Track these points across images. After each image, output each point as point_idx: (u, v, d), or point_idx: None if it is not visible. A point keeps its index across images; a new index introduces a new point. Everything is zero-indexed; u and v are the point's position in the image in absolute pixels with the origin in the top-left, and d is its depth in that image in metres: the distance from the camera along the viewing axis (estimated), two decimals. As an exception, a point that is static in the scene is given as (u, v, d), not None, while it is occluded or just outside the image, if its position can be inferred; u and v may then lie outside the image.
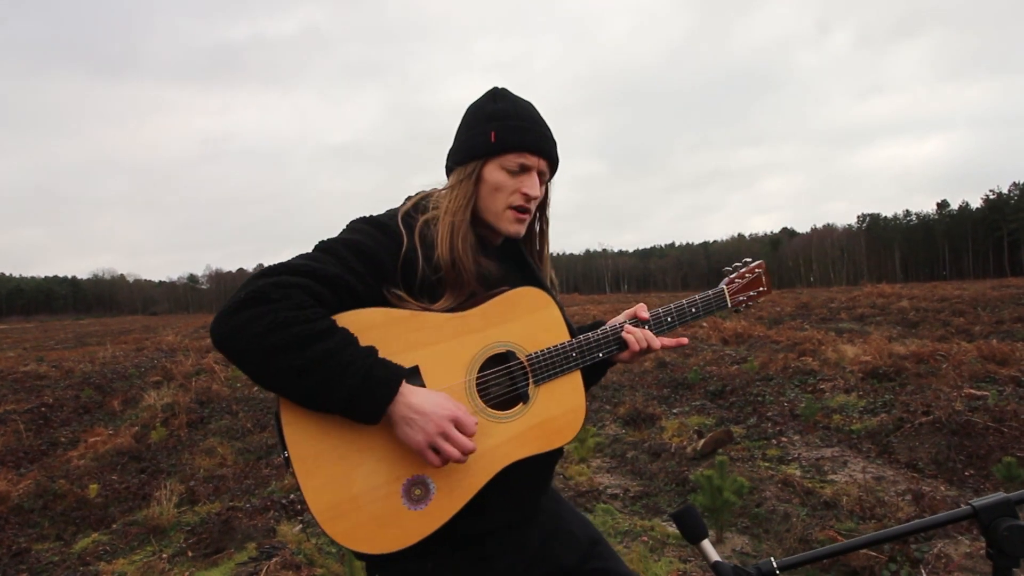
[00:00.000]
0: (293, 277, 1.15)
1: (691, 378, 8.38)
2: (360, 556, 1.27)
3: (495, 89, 1.45)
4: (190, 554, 4.07)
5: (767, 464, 5.10)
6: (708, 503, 3.74)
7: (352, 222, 1.33)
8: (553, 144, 1.43)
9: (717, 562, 1.04)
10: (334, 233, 1.30)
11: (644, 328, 1.48)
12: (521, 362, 1.34)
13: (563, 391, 1.36)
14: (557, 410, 1.35)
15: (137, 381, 11.73)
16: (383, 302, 1.25)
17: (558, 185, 1.51)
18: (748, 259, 1.68)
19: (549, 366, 1.35)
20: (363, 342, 1.18)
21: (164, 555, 4.12)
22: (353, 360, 1.12)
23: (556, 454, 1.48)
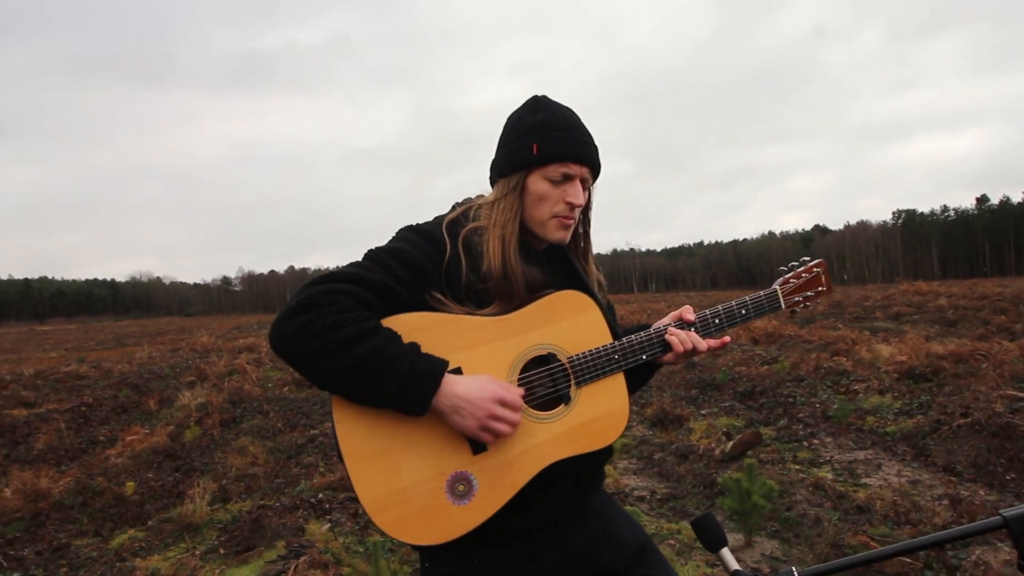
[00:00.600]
0: (341, 284, 1.23)
1: (720, 379, 8.28)
2: (412, 547, 1.33)
3: (535, 98, 1.47)
4: (222, 551, 4.15)
5: (798, 467, 5.01)
6: (736, 506, 3.69)
7: (400, 231, 1.39)
8: (595, 150, 1.45)
9: (737, 571, 1.02)
10: (362, 235, 1.35)
11: (689, 330, 1.48)
12: (562, 364, 1.36)
13: (605, 393, 1.38)
14: (599, 411, 1.37)
15: (172, 381, 12.02)
16: (426, 307, 1.31)
17: None
18: (806, 258, 1.64)
19: (591, 368, 1.37)
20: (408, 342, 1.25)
21: (197, 552, 4.21)
22: (397, 356, 1.20)
23: (603, 455, 1.49)
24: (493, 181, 1.48)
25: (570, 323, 1.38)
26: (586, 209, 1.53)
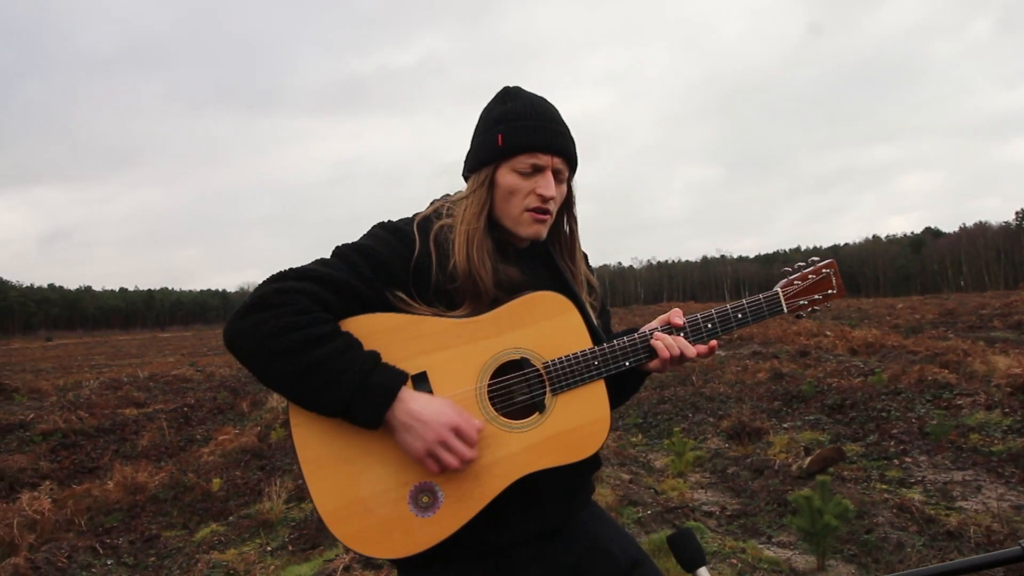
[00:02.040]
0: (299, 282, 1.17)
1: (806, 390, 7.81)
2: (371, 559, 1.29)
3: (506, 89, 1.40)
4: (290, 548, 4.32)
5: (885, 486, 4.64)
6: (807, 526, 3.45)
7: (372, 227, 1.34)
8: (566, 139, 1.36)
9: (715, 591, 0.94)
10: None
11: (678, 335, 1.37)
12: (537, 370, 1.28)
13: (584, 401, 1.29)
14: (577, 421, 1.27)
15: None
16: (392, 307, 1.25)
17: (669, 192, 1.40)
18: (815, 258, 1.51)
19: (568, 374, 1.27)
20: (369, 347, 1.18)
21: (268, 548, 4.41)
22: (350, 365, 1.13)
23: (588, 467, 1.40)
24: (466, 177, 1.41)
25: (546, 326, 1.28)
26: (569, 205, 1.44)
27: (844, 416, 6.89)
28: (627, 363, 1.33)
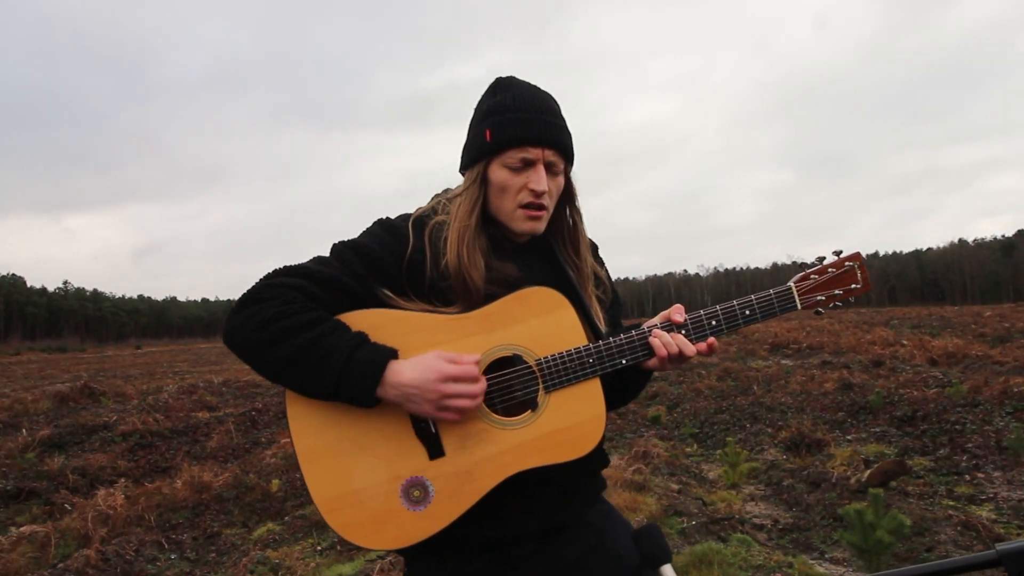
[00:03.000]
0: (289, 278, 1.20)
1: (874, 401, 7.43)
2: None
3: (497, 80, 1.37)
4: (338, 548, 4.44)
5: (952, 503, 4.36)
6: (858, 542, 3.28)
7: (372, 224, 1.35)
8: (558, 131, 1.32)
9: (676, 590, 0.92)
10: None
11: (677, 332, 1.32)
12: (529, 366, 1.26)
13: (578, 400, 1.26)
14: (571, 420, 1.25)
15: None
16: (384, 303, 1.26)
17: (737, 198, 1.39)
18: (839, 250, 1.42)
19: (561, 372, 1.25)
20: None
21: (319, 547, 4.55)
22: (336, 345, 1.15)
23: (590, 464, 1.38)
24: (460, 172, 1.39)
25: (539, 322, 1.25)
26: (570, 197, 1.40)
27: (914, 428, 6.52)
28: (623, 361, 1.29)
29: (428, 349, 1.23)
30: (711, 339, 1.32)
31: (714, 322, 1.33)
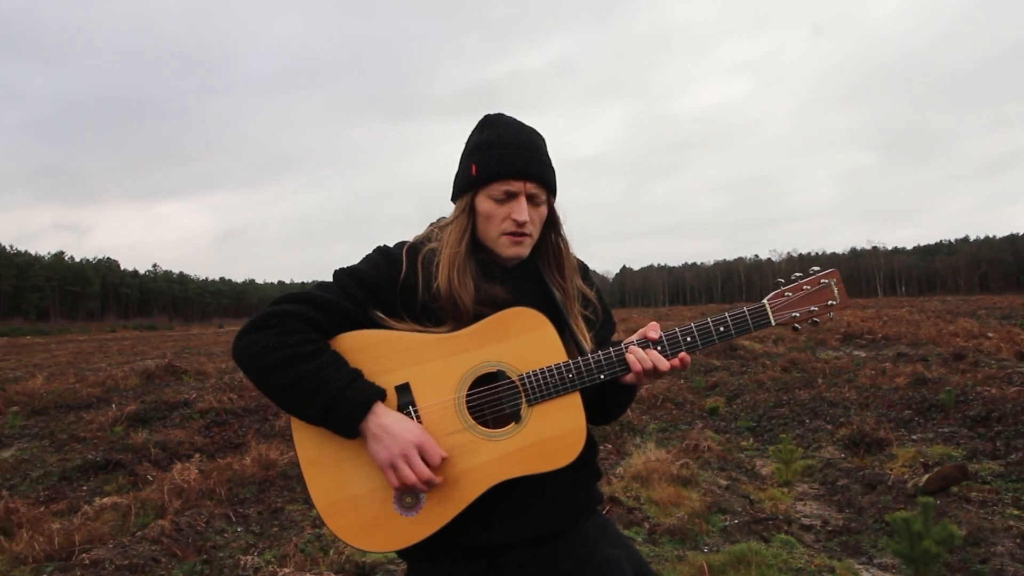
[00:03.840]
0: (292, 305, 1.33)
1: (944, 400, 7.07)
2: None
3: (485, 118, 1.48)
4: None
5: (1016, 512, 4.13)
6: (905, 550, 3.19)
7: (371, 251, 1.48)
8: (540, 165, 1.42)
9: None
10: (580, 243, 1.51)
11: (652, 348, 1.39)
12: (512, 381, 1.35)
13: (560, 413, 1.34)
14: (552, 432, 1.33)
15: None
16: (379, 324, 1.37)
17: (812, 181, 1.37)
18: (816, 268, 1.47)
19: (542, 387, 1.34)
20: (356, 360, 1.32)
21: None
22: (327, 381, 1.26)
23: (582, 475, 1.45)
24: (452, 200, 1.50)
25: (521, 340, 1.35)
26: (554, 224, 1.49)
27: (987, 430, 6.17)
28: (601, 376, 1.37)
29: (421, 366, 1.34)
30: (683, 354, 1.38)
31: (688, 339, 1.40)
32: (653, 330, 1.40)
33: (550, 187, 1.45)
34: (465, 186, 1.43)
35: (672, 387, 9.78)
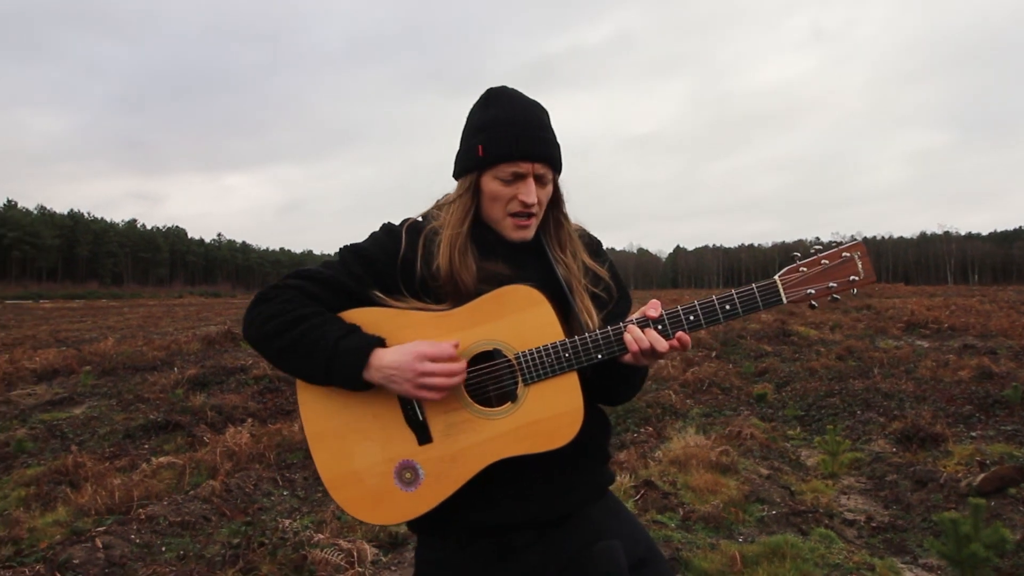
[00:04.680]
0: (293, 280, 1.38)
1: (1009, 396, 6.70)
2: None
3: (488, 92, 1.44)
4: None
5: (1080, 519, 3.90)
6: (951, 552, 3.06)
7: (379, 227, 1.49)
8: (547, 145, 1.38)
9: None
10: (632, 219, 1.53)
11: (651, 328, 1.33)
12: (508, 360, 1.34)
13: (557, 393, 1.33)
14: (548, 412, 1.32)
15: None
16: (378, 302, 1.38)
17: (881, 162, 1.22)
18: (837, 241, 1.35)
19: (538, 366, 1.32)
20: None
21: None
22: (324, 335, 1.29)
23: (588, 457, 1.44)
24: (454, 178, 1.47)
25: (518, 318, 1.33)
26: (557, 202, 1.46)
27: (1056, 430, 5.83)
28: (599, 356, 1.33)
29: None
30: (681, 334, 1.31)
31: (691, 317, 1.33)
32: (653, 308, 1.34)
33: (557, 167, 1.42)
34: (470, 165, 1.40)
35: (719, 372, 9.60)
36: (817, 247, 1.35)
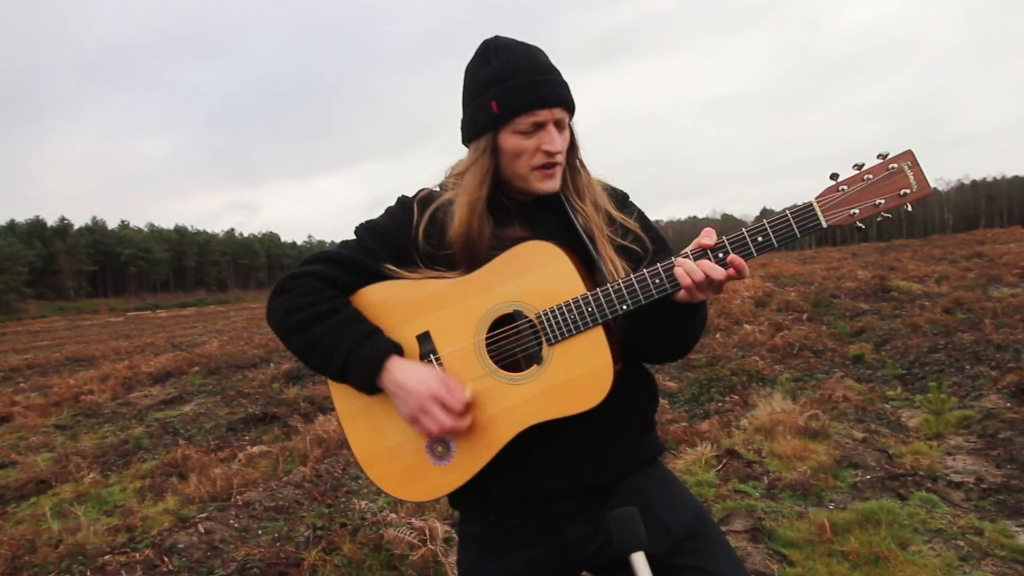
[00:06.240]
0: (310, 265, 1.36)
1: None
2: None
3: (485, 44, 1.36)
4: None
5: None
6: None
7: (394, 202, 1.46)
8: (562, 87, 1.31)
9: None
10: (715, 183, 1.49)
11: (705, 258, 1.20)
12: (531, 321, 1.28)
13: (582, 350, 1.25)
14: (575, 372, 1.25)
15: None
16: (395, 276, 1.36)
17: (988, 97, 1.26)
18: (884, 152, 1.18)
19: (561, 324, 1.25)
20: (375, 314, 1.33)
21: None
22: (341, 340, 1.28)
23: (626, 423, 1.38)
24: (465, 144, 1.40)
25: (536, 276, 1.26)
26: (573, 149, 1.38)
27: None
28: (624, 307, 1.24)
29: (438, 312, 1.32)
30: (734, 257, 1.19)
31: (721, 254, 1.21)
32: (707, 236, 1.23)
33: (573, 108, 1.35)
34: (484, 126, 1.32)
35: (811, 334, 9.11)
36: (858, 164, 1.20)
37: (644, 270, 1.25)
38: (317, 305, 1.32)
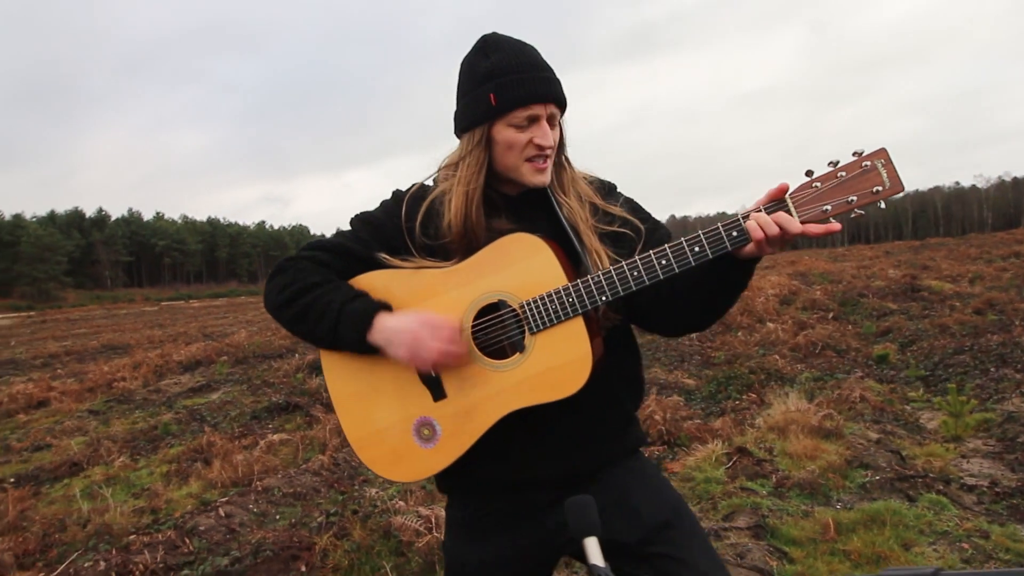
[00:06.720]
0: (305, 251, 1.44)
1: None
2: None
3: (484, 39, 1.41)
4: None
5: None
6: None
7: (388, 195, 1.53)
8: (556, 84, 1.37)
9: (594, 565, 0.95)
10: (745, 180, 1.54)
11: (776, 212, 1.20)
12: (514, 310, 1.33)
13: (562, 340, 1.31)
14: (556, 360, 1.31)
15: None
16: (386, 265, 1.42)
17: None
18: (860, 150, 1.20)
19: (542, 314, 1.31)
20: None
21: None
22: (332, 301, 1.35)
23: (606, 414, 1.42)
24: (458, 135, 1.44)
25: (519, 268, 1.32)
26: (561, 146, 1.43)
27: None
28: (603, 297, 1.28)
29: (427, 302, 1.37)
30: (833, 225, 1.19)
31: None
32: (780, 191, 1.23)
33: (565, 105, 1.40)
34: (480, 118, 1.36)
35: (835, 334, 9.00)
36: (832, 161, 1.22)
37: (622, 263, 1.29)
38: (308, 278, 1.40)
